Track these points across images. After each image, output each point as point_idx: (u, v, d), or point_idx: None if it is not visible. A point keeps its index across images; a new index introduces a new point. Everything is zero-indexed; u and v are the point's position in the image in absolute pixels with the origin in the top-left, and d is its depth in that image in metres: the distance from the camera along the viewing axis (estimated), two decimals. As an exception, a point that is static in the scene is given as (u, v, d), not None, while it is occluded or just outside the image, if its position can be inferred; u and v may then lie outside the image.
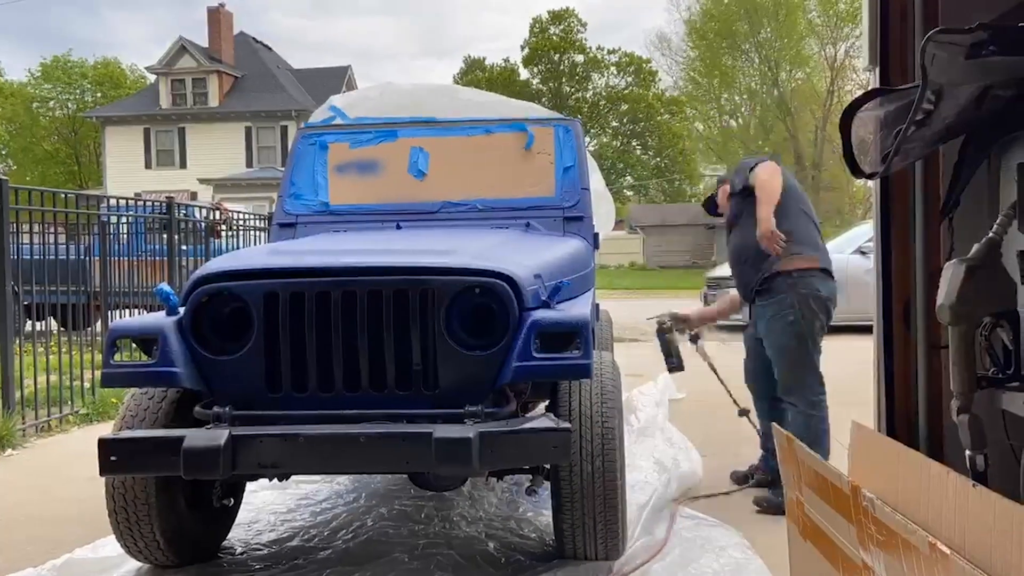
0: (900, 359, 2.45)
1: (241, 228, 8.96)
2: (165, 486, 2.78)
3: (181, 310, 2.64)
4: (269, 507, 3.65)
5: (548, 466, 2.72)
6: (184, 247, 7.81)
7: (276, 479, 3.31)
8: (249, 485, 3.46)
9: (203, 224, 8.60)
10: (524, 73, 44.91)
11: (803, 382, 3.57)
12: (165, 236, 7.53)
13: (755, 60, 41.47)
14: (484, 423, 2.43)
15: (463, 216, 3.82)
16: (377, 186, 3.96)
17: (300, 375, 2.56)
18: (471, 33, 78.92)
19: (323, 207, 3.92)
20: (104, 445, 2.42)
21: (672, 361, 4.12)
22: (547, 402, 3.06)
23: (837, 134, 2.11)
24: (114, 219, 7.39)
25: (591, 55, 44.27)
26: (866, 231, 10.72)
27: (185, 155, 31.54)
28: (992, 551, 1.34)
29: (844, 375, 6.65)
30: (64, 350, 6.08)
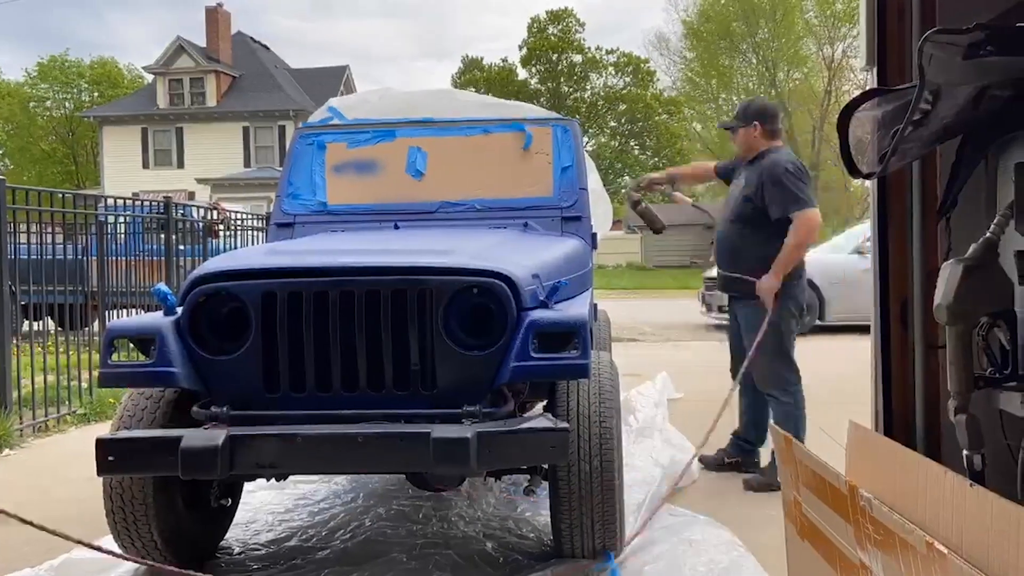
0: (898, 359, 2.45)
1: (239, 228, 8.95)
2: (163, 486, 2.78)
3: (179, 310, 2.63)
4: (267, 507, 3.65)
5: (546, 466, 2.72)
6: (182, 247, 7.79)
7: (274, 479, 3.31)
8: (247, 485, 3.45)
9: (201, 224, 8.59)
10: (522, 73, 44.88)
11: (781, 375, 3.89)
12: (163, 236, 7.52)
13: (753, 60, 41.51)
14: (482, 423, 2.44)
15: (461, 216, 3.82)
16: (375, 186, 3.96)
17: (298, 375, 2.56)
18: (471, 35, 78.92)
19: (321, 207, 3.92)
20: (102, 445, 2.42)
21: (656, 225, 4.39)
22: (545, 402, 3.06)
23: (835, 134, 2.11)
24: (111, 219, 7.38)
25: (589, 55, 44.22)
26: (864, 231, 10.73)
27: (183, 155, 31.52)
28: (989, 550, 1.34)
29: (842, 375, 6.67)
30: (61, 350, 6.07)
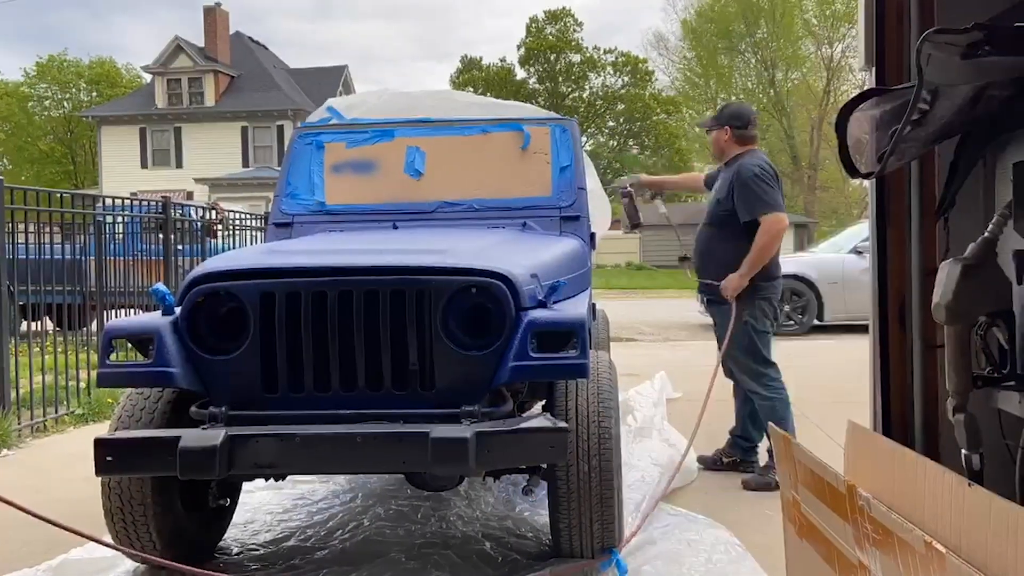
0: (896, 358, 2.45)
1: (237, 228, 8.95)
2: (161, 486, 2.78)
3: (177, 310, 2.63)
4: (265, 507, 3.65)
5: (545, 466, 2.72)
6: (180, 247, 7.79)
7: (273, 479, 3.30)
8: (245, 485, 3.45)
9: (199, 224, 8.59)
10: (520, 73, 44.89)
11: (758, 372, 3.98)
12: (161, 236, 7.51)
13: (751, 60, 41.52)
14: (481, 423, 2.43)
15: (459, 216, 3.82)
16: (373, 186, 3.96)
17: (296, 375, 2.56)
18: (471, 36, 79.03)
19: (319, 207, 3.92)
20: (100, 445, 2.42)
21: (633, 221, 4.46)
22: (544, 402, 3.06)
23: (833, 134, 2.11)
24: (110, 219, 7.38)
25: (587, 55, 44.23)
26: (862, 231, 10.74)
27: (181, 155, 31.50)
28: (988, 550, 1.34)
29: (840, 374, 6.68)
30: (60, 350, 6.07)
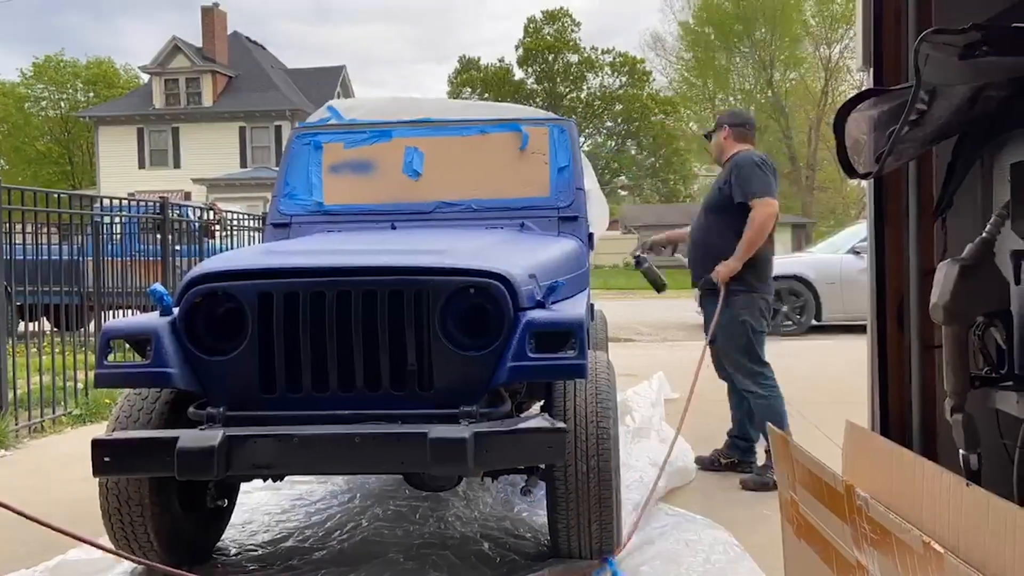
0: (894, 359, 2.45)
1: (235, 228, 8.94)
2: (159, 487, 2.77)
3: (175, 310, 2.63)
4: (263, 508, 3.64)
5: (543, 466, 2.72)
6: (178, 247, 7.77)
7: (271, 480, 3.30)
8: (243, 486, 3.45)
9: (197, 224, 8.57)
10: (519, 73, 44.89)
11: (753, 370, 3.97)
12: (159, 236, 7.50)
13: (749, 61, 41.54)
14: (479, 423, 2.43)
15: (458, 216, 3.82)
16: (372, 186, 3.96)
17: (295, 375, 2.56)
18: (470, 39, 79.19)
19: (317, 207, 3.92)
20: (98, 446, 2.42)
21: (658, 284, 4.45)
22: (542, 402, 3.06)
23: (831, 134, 2.11)
24: (107, 219, 7.36)
25: (585, 55, 44.24)
26: (860, 231, 10.75)
27: (179, 155, 31.46)
28: (986, 550, 1.34)
29: (838, 375, 6.68)
30: (57, 351, 6.06)
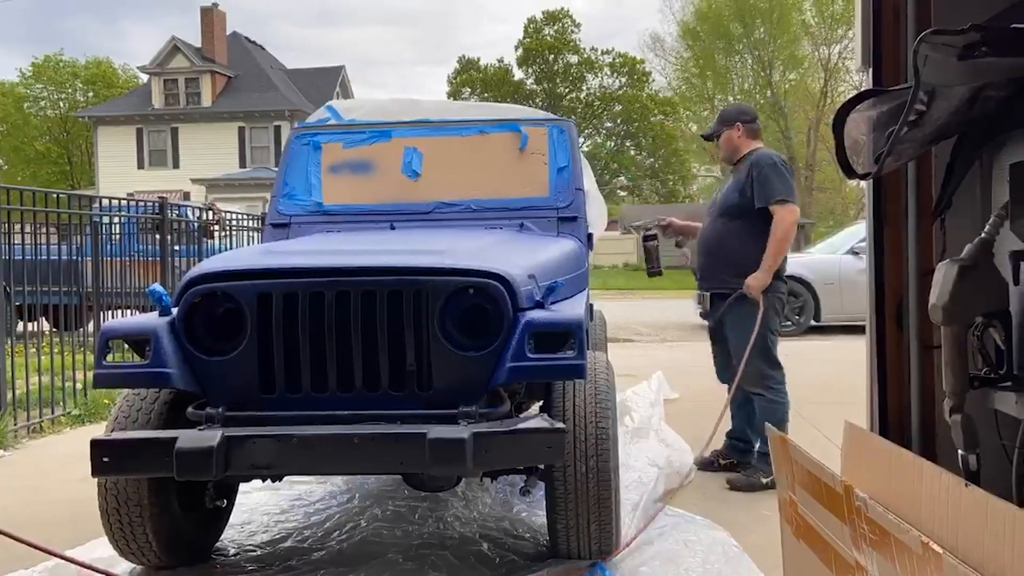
0: (893, 359, 2.45)
1: (234, 228, 8.94)
2: (158, 487, 2.77)
3: (174, 311, 2.63)
4: (262, 508, 3.64)
5: (542, 466, 2.72)
6: (177, 247, 7.77)
7: (269, 480, 3.30)
8: (242, 486, 3.45)
9: (196, 224, 8.57)
10: (518, 74, 44.89)
11: (766, 373, 3.92)
12: (158, 236, 7.50)
13: (749, 61, 41.55)
14: (478, 423, 2.43)
15: (457, 216, 3.82)
16: (371, 186, 3.96)
17: (294, 376, 2.56)
18: (471, 41, 79.38)
19: (317, 207, 3.92)
20: (97, 446, 2.41)
21: (653, 266, 4.39)
22: (541, 402, 3.06)
23: (830, 135, 2.11)
24: (106, 219, 7.36)
25: (585, 56, 44.24)
26: (859, 231, 10.75)
27: (178, 155, 31.46)
28: (985, 550, 1.34)
29: (837, 375, 6.68)
30: (56, 351, 6.06)
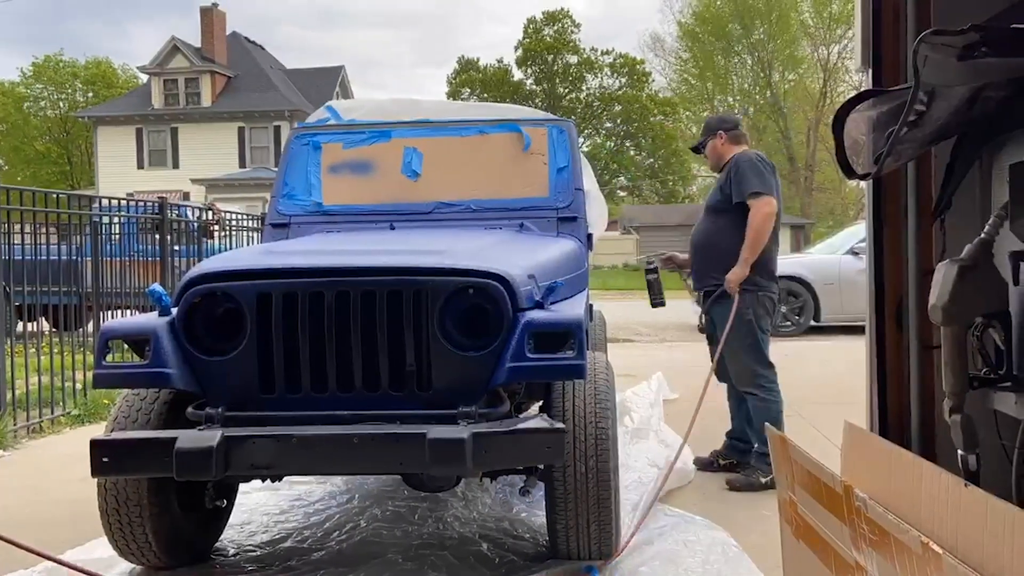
0: (892, 359, 2.45)
1: (234, 228, 8.93)
2: (158, 487, 2.77)
3: (174, 311, 2.63)
4: (262, 508, 3.64)
5: (542, 466, 2.72)
6: (177, 247, 7.77)
7: (269, 480, 3.30)
8: (242, 486, 3.45)
9: (196, 224, 8.57)
10: (518, 74, 44.88)
11: (756, 372, 3.94)
12: (158, 236, 7.50)
13: (748, 61, 41.57)
14: (478, 424, 2.43)
15: (457, 216, 3.82)
16: (371, 186, 3.96)
17: (293, 376, 2.56)
18: (472, 43, 79.57)
19: (316, 207, 3.92)
20: (96, 446, 2.42)
21: (656, 299, 4.40)
22: (541, 403, 3.06)
23: (830, 135, 2.11)
24: (106, 219, 7.36)
25: (585, 56, 44.23)
26: (859, 232, 10.76)
27: (178, 155, 31.44)
28: (984, 551, 1.34)
29: (837, 375, 6.68)
30: (56, 351, 6.06)
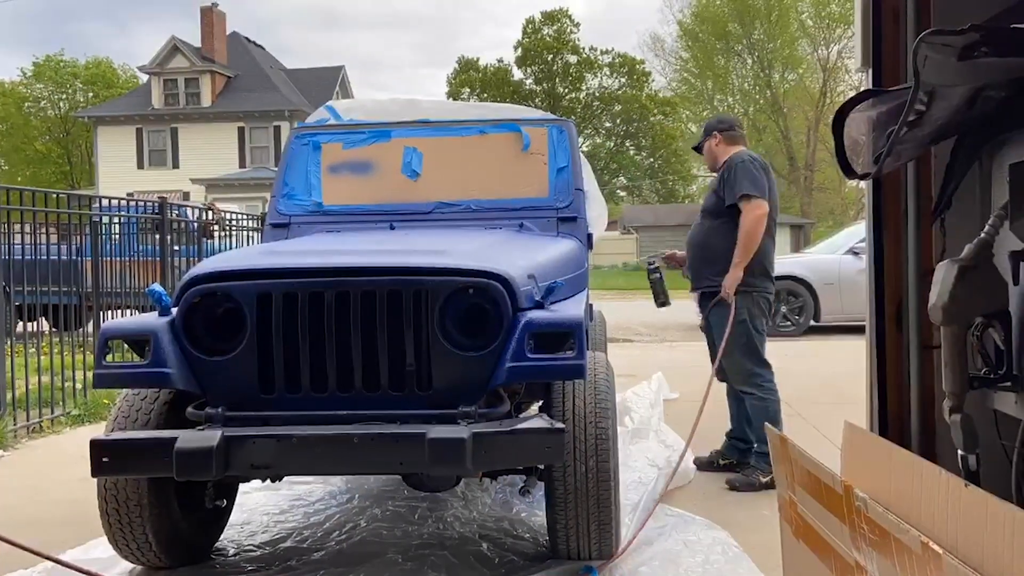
0: (892, 359, 2.45)
1: (234, 228, 8.93)
2: (158, 487, 2.77)
3: (174, 311, 2.63)
4: (262, 508, 3.64)
5: (542, 466, 2.72)
6: (177, 247, 7.77)
7: (269, 480, 3.30)
8: (242, 486, 3.44)
9: (196, 224, 8.57)
10: (517, 74, 44.89)
11: (753, 371, 3.93)
12: (157, 236, 7.50)
13: (748, 61, 41.58)
14: (478, 424, 2.43)
15: (457, 216, 3.82)
16: (371, 186, 3.96)
17: (293, 376, 2.56)
18: (473, 44, 79.81)
19: (316, 207, 3.92)
20: (96, 446, 2.42)
21: (661, 299, 4.41)
22: (541, 402, 3.06)
23: (830, 135, 2.11)
24: (106, 219, 7.36)
25: (584, 56, 44.23)
26: (859, 232, 10.76)
27: (177, 155, 31.43)
28: (984, 551, 1.34)
29: (837, 375, 6.69)
30: (56, 351, 6.06)
